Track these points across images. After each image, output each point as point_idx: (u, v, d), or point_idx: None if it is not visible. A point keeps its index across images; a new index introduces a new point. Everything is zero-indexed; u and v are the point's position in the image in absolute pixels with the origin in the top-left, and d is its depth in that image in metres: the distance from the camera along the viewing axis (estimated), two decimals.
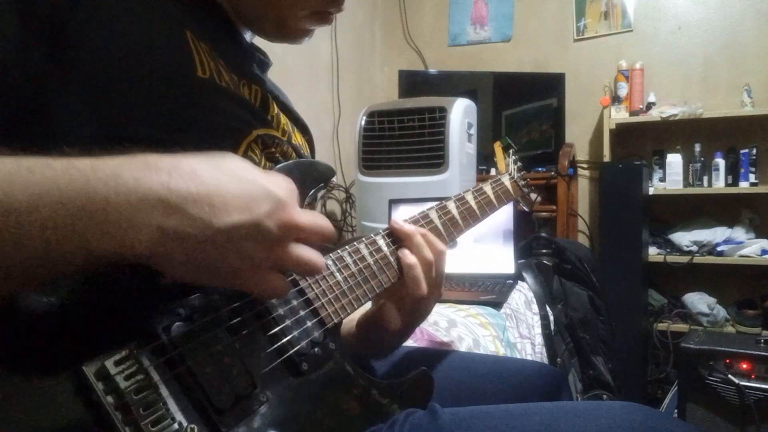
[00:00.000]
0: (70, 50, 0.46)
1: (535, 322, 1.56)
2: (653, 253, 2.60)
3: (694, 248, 2.54)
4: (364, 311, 0.70)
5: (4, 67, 0.43)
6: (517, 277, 1.64)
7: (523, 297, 1.57)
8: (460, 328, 1.22)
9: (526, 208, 1.04)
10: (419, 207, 0.72)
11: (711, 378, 1.75)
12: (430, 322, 1.21)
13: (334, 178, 0.62)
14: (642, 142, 2.80)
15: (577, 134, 2.90)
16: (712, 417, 1.76)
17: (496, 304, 1.41)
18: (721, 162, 2.52)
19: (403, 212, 0.67)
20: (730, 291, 2.62)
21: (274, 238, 0.42)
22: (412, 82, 2.89)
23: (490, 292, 1.48)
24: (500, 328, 1.32)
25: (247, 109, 0.59)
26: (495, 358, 1.06)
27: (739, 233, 2.54)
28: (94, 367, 0.38)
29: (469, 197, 0.80)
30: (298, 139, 0.71)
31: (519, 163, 1.02)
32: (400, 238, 0.65)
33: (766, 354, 1.70)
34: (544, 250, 1.88)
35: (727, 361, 1.74)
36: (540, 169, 2.58)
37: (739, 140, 2.56)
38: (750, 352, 1.73)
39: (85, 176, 0.36)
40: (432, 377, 0.63)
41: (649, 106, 2.66)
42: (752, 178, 2.48)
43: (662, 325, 2.55)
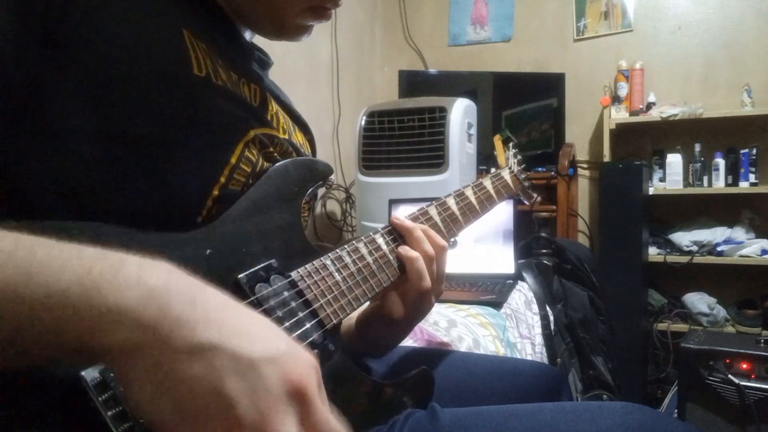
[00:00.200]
0: (67, 48, 0.45)
1: (535, 322, 1.55)
2: (653, 253, 2.60)
3: (694, 248, 2.54)
4: (364, 309, 0.70)
5: (2, 66, 0.43)
6: (517, 277, 1.63)
7: (523, 297, 1.56)
8: (460, 328, 1.22)
9: (526, 202, 1.03)
10: (419, 207, 0.72)
11: (711, 378, 1.75)
12: (430, 322, 1.21)
13: (333, 178, 0.62)
14: (642, 142, 2.80)
15: (577, 134, 2.90)
16: (712, 417, 1.76)
17: (496, 304, 1.41)
18: (721, 162, 2.52)
19: (403, 212, 0.67)
20: (730, 291, 2.62)
21: (270, 395, 0.33)
22: (412, 82, 2.89)
23: (490, 292, 1.48)
24: (500, 328, 1.32)
25: (244, 108, 0.59)
26: (495, 358, 1.06)
27: (739, 233, 2.54)
28: (92, 374, 0.37)
29: (469, 192, 0.80)
30: (298, 138, 0.71)
31: (519, 157, 1.01)
32: (401, 234, 0.65)
33: (766, 354, 1.70)
34: (544, 250, 1.88)
35: (727, 361, 1.74)
36: (540, 169, 2.58)
37: (739, 140, 2.56)
38: (750, 352, 1.72)
39: (88, 261, 0.34)
40: (432, 376, 0.63)
41: (649, 106, 2.66)
42: (752, 178, 2.48)
43: (662, 325, 2.55)
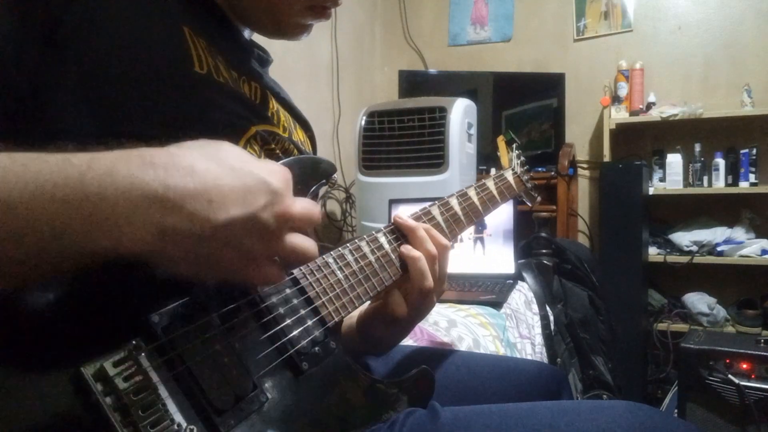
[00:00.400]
0: (67, 47, 0.45)
1: (535, 322, 1.55)
2: (653, 253, 2.60)
3: (694, 248, 2.54)
4: (365, 308, 0.70)
5: (2, 65, 0.43)
6: (517, 277, 1.63)
7: (523, 297, 1.56)
8: (460, 328, 1.22)
9: (529, 203, 1.03)
10: (419, 207, 0.71)
11: (711, 378, 1.75)
12: (430, 322, 1.21)
13: (335, 176, 0.62)
14: (642, 142, 2.80)
15: (577, 134, 2.90)
16: (712, 417, 1.76)
17: (496, 304, 1.41)
18: (721, 162, 2.52)
19: (403, 212, 0.67)
20: (730, 291, 2.62)
21: (271, 230, 0.43)
22: (412, 82, 2.89)
23: (490, 292, 1.48)
24: (500, 328, 1.32)
25: (245, 105, 0.59)
26: (495, 358, 1.06)
27: (739, 233, 2.54)
28: (92, 368, 0.38)
29: (472, 193, 0.80)
30: (299, 136, 0.71)
31: (522, 158, 1.00)
32: (404, 233, 0.65)
33: (766, 354, 1.70)
34: (544, 250, 1.88)
35: (727, 361, 1.74)
36: (540, 169, 2.58)
37: (739, 140, 2.56)
38: (750, 352, 1.72)
39: (80, 172, 0.36)
40: (433, 375, 0.63)
41: (649, 106, 2.66)
42: (752, 178, 2.48)
43: (662, 325, 2.55)
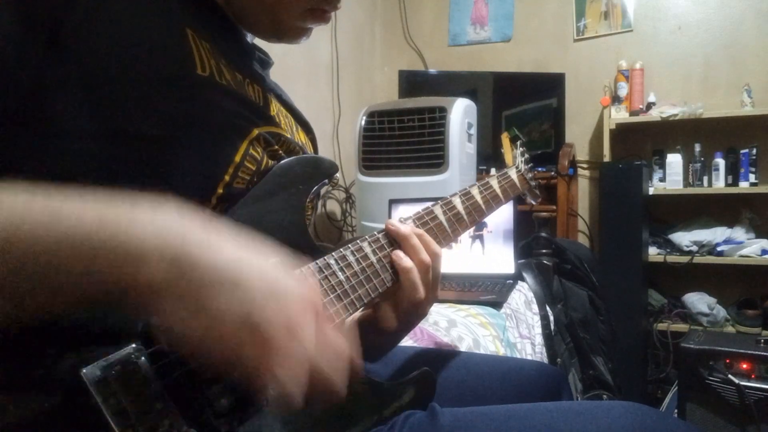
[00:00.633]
0: (69, 48, 0.45)
1: (535, 322, 1.55)
2: (653, 253, 2.60)
3: (694, 248, 2.54)
4: (355, 316, 0.69)
5: (4, 64, 0.43)
6: (517, 277, 1.63)
7: (523, 297, 1.56)
8: (460, 328, 1.22)
9: (533, 202, 1.01)
10: (419, 207, 0.70)
11: (711, 378, 1.75)
12: (430, 322, 1.21)
13: (337, 176, 0.62)
14: (642, 142, 2.80)
15: (577, 134, 2.90)
16: (712, 417, 1.76)
17: (496, 304, 1.41)
18: (721, 162, 2.52)
19: (403, 212, 0.66)
20: (730, 291, 2.62)
21: (296, 320, 0.40)
22: (412, 82, 2.88)
23: (490, 292, 1.48)
24: (500, 328, 1.32)
25: (248, 107, 0.59)
26: (495, 358, 1.06)
27: (739, 233, 2.54)
28: (92, 372, 0.38)
29: (475, 192, 0.78)
30: (301, 138, 0.70)
31: (526, 155, 0.99)
32: (396, 240, 0.64)
33: (766, 354, 1.70)
34: (544, 250, 1.88)
35: (727, 361, 1.74)
36: (540, 169, 2.57)
37: (739, 140, 2.56)
38: (750, 352, 1.72)
39: (97, 214, 0.37)
40: (434, 377, 0.63)
41: (649, 106, 2.66)
42: (752, 178, 2.48)
43: (662, 325, 2.55)
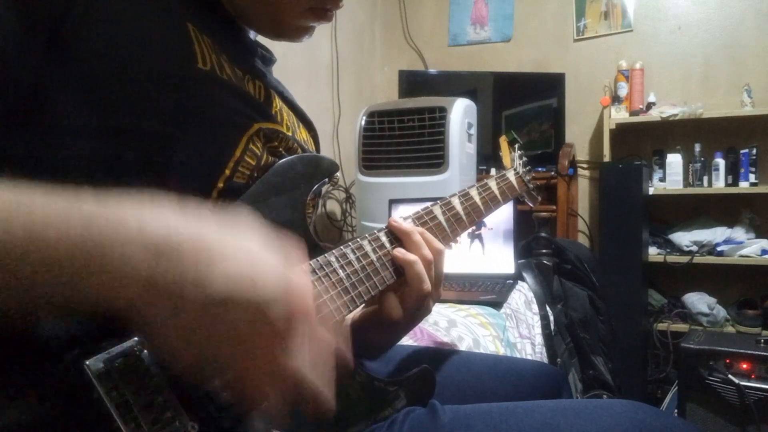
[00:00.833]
0: (70, 45, 0.45)
1: (535, 322, 1.55)
2: (653, 253, 2.60)
3: (694, 248, 2.54)
4: (359, 311, 0.69)
5: (5, 63, 0.43)
6: (517, 277, 1.63)
7: (523, 297, 1.56)
8: (460, 328, 1.22)
9: (531, 204, 1.03)
10: (419, 207, 0.71)
11: (711, 378, 1.75)
12: (430, 322, 1.21)
13: (337, 175, 0.62)
14: (642, 142, 2.80)
15: (577, 134, 2.90)
16: (712, 417, 1.76)
17: (496, 304, 1.41)
18: (721, 162, 2.53)
19: (403, 212, 0.67)
20: (730, 291, 2.62)
21: (280, 330, 0.39)
22: (412, 82, 2.89)
23: (490, 292, 1.48)
24: (500, 328, 1.32)
25: (249, 103, 0.59)
26: (495, 358, 1.06)
27: (739, 233, 2.54)
28: (96, 365, 0.38)
29: (474, 193, 0.79)
30: (303, 136, 0.71)
31: (524, 158, 1.00)
32: (399, 237, 0.64)
33: (766, 354, 1.70)
34: (544, 250, 1.88)
35: (727, 361, 1.74)
36: (540, 169, 2.58)
37: (739, 140, 2.56)
38: (750, 352, 1.72)
39: (87, 217, 0.35)
40: (434, 375, 0.63)
41: (649, 106, 2.66)
42: (752, 178, 2.48)
43: (662, 325, 2.55)
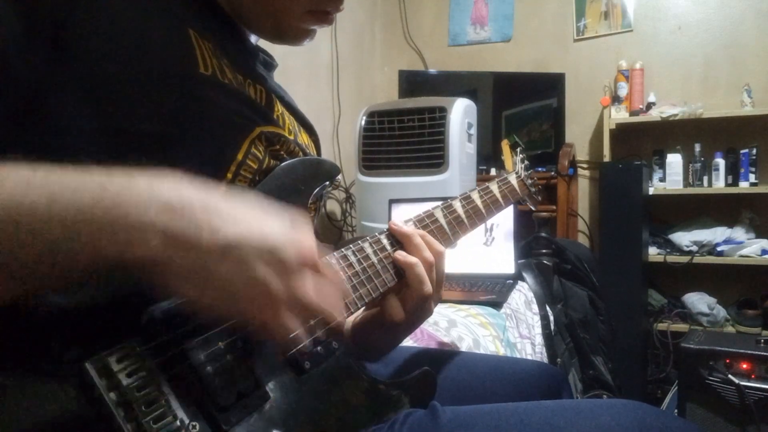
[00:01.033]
0: (72, 45, 0.46)
1: (535, 322, 1.56)
2: (653, 253, 2.60)
3: (694, 248, 2.54)
4: (361, 314, 0.69)
5: (6, 64, 0.43)
6: (517, 277, 1.63)
7: (523, 297, 1.57)
8: (460, 328, 1.23)
9: (532, 207, 1.04)
10: (419, 207, 0.72)
11: (711, 378, 1.75)
12: (430, 323, 1.21)
13: (339, 177, 0.62)
14: (642, 142, 2.80)
15: (577, 134, 2.90)
16: (712, 417, 1.76)
17: (496, 304, 1.41)
18: (721, 162, 2.53)
19: (403, 212, 0.67)
20: (730, 291, 2.62)
21: (290, 266, 0.40)
22: (412, 82, 2.89)
23: (490, 292, 1.48)
24: (500, 328, 1.32)
25: (250, 107, 0.59)
26: (495, 358, 1.06)
27: (739, 233, 2.54)
28: (96, 364, 0.38)
29: (475, 196, 0.80)
30: (304, 139, 0.71)
31: (526, 162, 1.02)
32: (399, 240, 0.65)
33: (766, 354, 1.70)
34: (544, 250, 1.88)
35: (727, 361, 1.74)
36: (540, 169, 2.58)
37: (739, 140, 2.56)
38: (750, 352, 1.72)
39: (99, 182, 0.37)
40: (435, 377, 0.63)
41: (649, 106, 2.66)
42: (752, 178, 2.48)
43: (662, 325, 2.55)
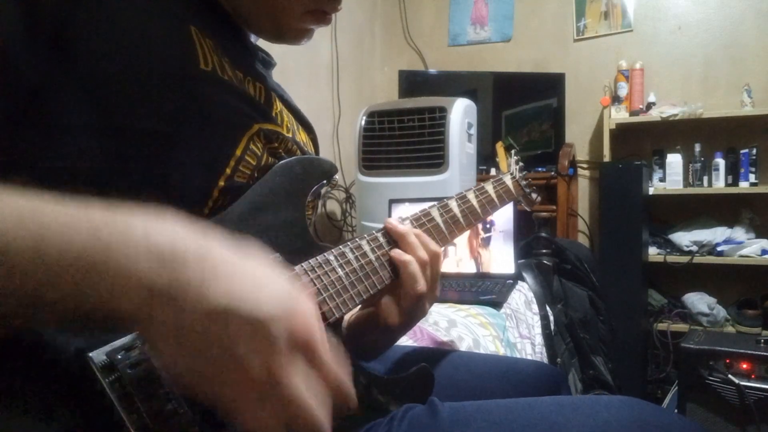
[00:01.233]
0: (73, 43, 0.46)
1: (535, 322, 1.56)
2: (653, 253, 2.61)
3: (694, 248, 2.54)
4: (355, 314, 0.69)
5: (8, 63, 0.43)
6: (517, 277, 1.64)
7: (523, 297, 1.57)
8: (460, 328, 1.23)
9: (527, 208, 1.05)
10: (419, 207, 0.72)
11: (711, 378, 1.75)
12: (430, 322, 1.21)
13: (336, 177, 0.62)
14: (642, 142, 2.81)
15: (577, 134, 2.90)
16: (712, 417, 1.76)
17: (496, 304, 1.41)
18: (721, 162, 2.53)
19: (403, 212, 0.67)
20: (730, 291, 2.62)
21: (278, 350, 0.36)
22: (412, 82, 2.89)
23: (490, 292, 1.48)
24: (500, 328, 1.32)
25: (250, 104, 0.59)
26: (495, 358, 1.06)
27: (739, 233, 2.54)
28: (98, 356, 0.38)
29: (471, 196, 0.81)
30: (302, 138, 0.71)
31: (521, 164, 1.03)
32: (395, 239, 0.65)
33: (766, 354, 1.70)
34: (544, 250, 1.88)
35: (727, 361, 1.74)
36: (540, 169, 2.58)
37: (739, 140, 2.56)
38: (750, 352, 1.72)
39: (93, 224, 0.35)
40: (432, 373, 0.63)
41: (649, 106, 2.66)
42: (752, 178, 2.49)
43: (662, 325, 2.55)
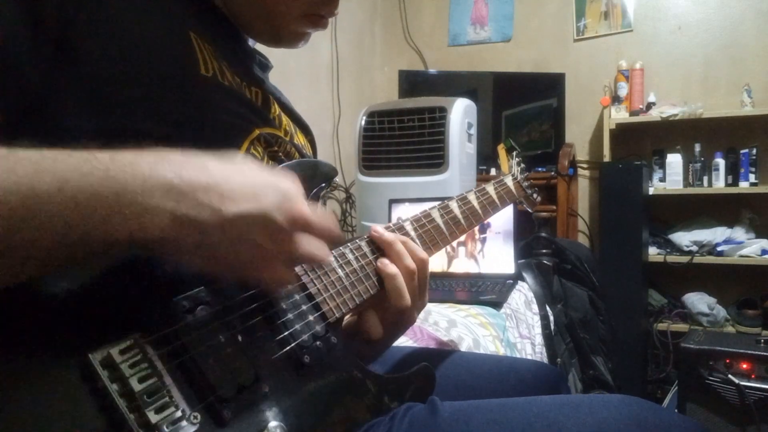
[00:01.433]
0: (76, 47, 0.47)
1: (535, 322, 1.56)
2: (653, 253, 2.61)
3: (694, 248, 2.54)
4: (345, 320, 0.69)
5: (10, 64, 0.44)
6: (517, 277, 1.63)
7: (523, 297, 1.57)
8: (460, 328, 1.23)
9: (529, 209, 1.05)
10: (419, 207, 0.73)
11: (711, 378, 1.76)
12: (430, 322, 1.21)
13: (336, 179, 0.63)
14: (642, 142, 2.81)
15: (577, 134, 2.91)
16: (712, 417, 1.76)
17: (496, 304, 1.41)
18: (721, 162, 2.53)
19: (403, 212, 0.67)
20: (730, 291, 2.62)
21: (283, 229, 0.44)
22: (412, 82, 2.89)
23: (490, 292, 1.48)
24: (500, 328, 1.33)
25: (249, 108, 0.60)
26: (494, 358, 1.06)
27: (739, 233, 2.54)
28: (100, 355, 0.39)
29: (472, 197, 0.81)
30: (300, 140, 0.72)
31: (522, 165, 1.03)
32: (381, 248, 0.63)
33: (766, 354, 1.70)
34: (544, 250, 1.88)
35: (727, 361, 1.74)
36: (540, 169, 2.58)
37: (739, 140, 2.57)
38: (750, 352, 1.73)
39: (104, 164, 0.39)
40: (433, 372, 0.63)
41: (649, 106, 2.66)
42: (752, 178, 2.49)
43: (662, 325, 2.56)
